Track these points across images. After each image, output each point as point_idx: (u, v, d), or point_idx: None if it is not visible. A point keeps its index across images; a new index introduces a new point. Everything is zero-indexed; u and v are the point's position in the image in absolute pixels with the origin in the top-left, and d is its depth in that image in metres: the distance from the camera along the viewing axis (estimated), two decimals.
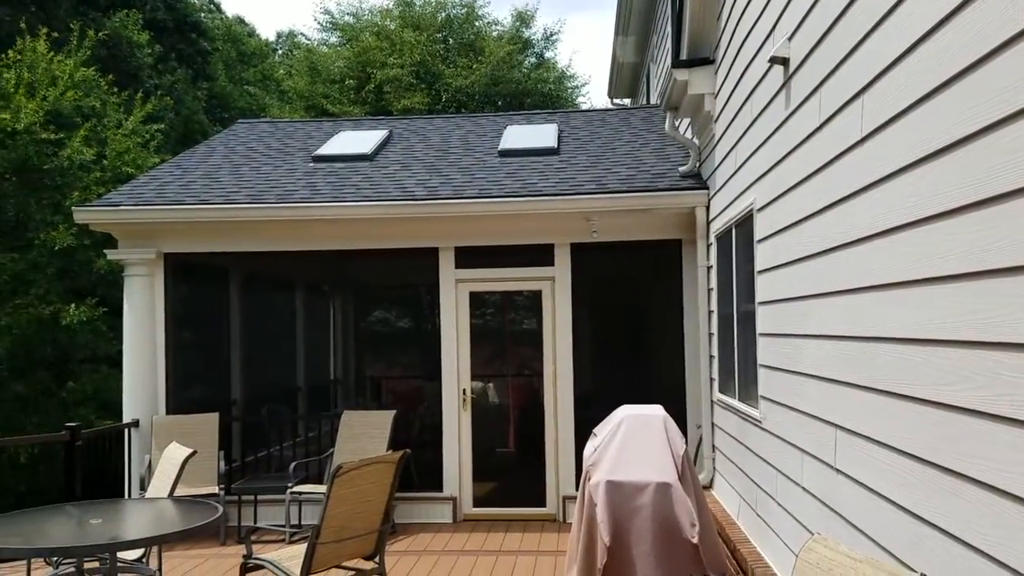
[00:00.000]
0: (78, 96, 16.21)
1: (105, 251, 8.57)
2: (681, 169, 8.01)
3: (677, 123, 7.92)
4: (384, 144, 9.77)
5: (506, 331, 8.49)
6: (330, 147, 9.61)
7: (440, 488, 7.98)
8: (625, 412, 5.55)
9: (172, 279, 8.30)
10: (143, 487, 7.69)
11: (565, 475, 7.87)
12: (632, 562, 5.04)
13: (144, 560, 5.63)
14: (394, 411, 7.85)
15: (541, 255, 8.01)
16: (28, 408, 14.54)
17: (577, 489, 7.24)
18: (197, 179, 8.79)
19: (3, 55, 15.79)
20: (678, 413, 7.28)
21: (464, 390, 8.06)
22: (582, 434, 7.27)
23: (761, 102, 5.20)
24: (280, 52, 34.61)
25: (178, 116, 22.57)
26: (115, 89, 18.06)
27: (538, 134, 9.72)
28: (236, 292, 9.02)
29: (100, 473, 7.85)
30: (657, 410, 5.56)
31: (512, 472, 8.29)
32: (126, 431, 8.04)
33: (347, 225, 7.95)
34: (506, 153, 9.08)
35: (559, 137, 9.60)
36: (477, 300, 8.22)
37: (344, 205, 7.78)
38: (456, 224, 7.92)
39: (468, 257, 8.08)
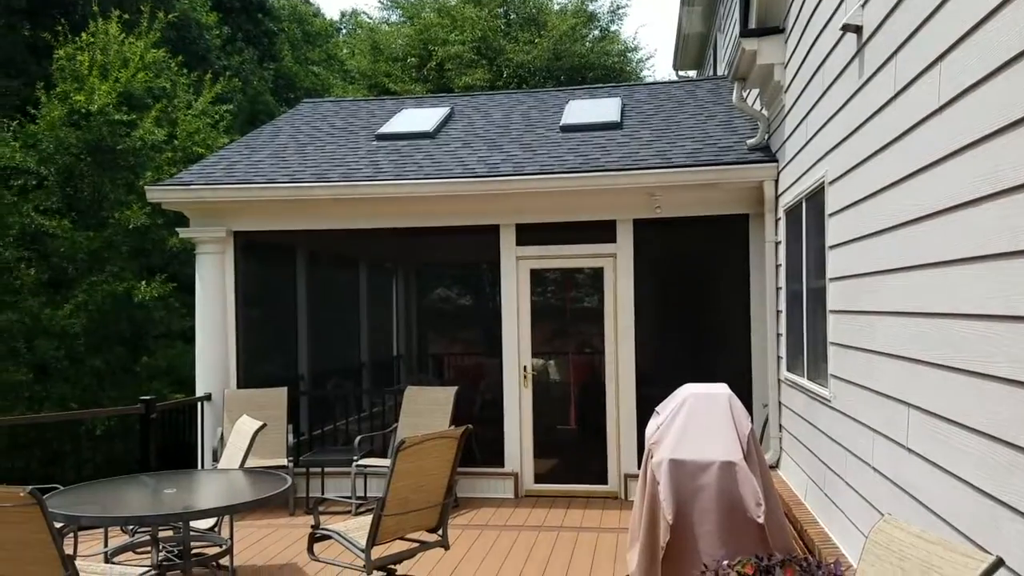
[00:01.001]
0: (149, 77, 16.62)
1: (177, 229, 8.79)
2: (749, 142, 7.82)
3: (745, 94, 7.73)
4: (445, 121, 9.78)
5: (567, 308, 8.45)
6: (392, 125, 9.66)
7: (501, 464, 8.02)
8: (689, 390, 5.47)
9: (241, 257, 8.48)
10: (215, 459, 7.92)
11: (627, 453, 7.83)
12: (695, 541, 4.99)
13: (216, 529, 5.81)
14: (456, 387, 7.91)
15: (603, 232, 7.94)
16: (105, 382, 15.10)
17: (639, 467, 7.20)
18: (264, 159, 8.93)
19: (77, 38, 16.27)
20: (744, 392, 7.16)
21: (525, 367, 8.06)
22: (644, 412, 7.21)
23: (833, 71, 5.03)
24: (343, 32, 34.91)
25: (245, 96, 22.98)
26: (184, 70, 18.45)
27: (601, 108, 9.60)
28: (302, 269, 9.18)
29: (174, 445, 8.11)
30: (722, 388, 5.47)
31: (573, 449, 8.28)
32: (199, 404, 8.28)
33: (409, 203, 7.99)
34: (568, 128, 8.99)
35: (622, 111, 9.46)
36: (538, 277, 8.20)
37: (406, 183, 7.82)
38: (517, 201, 7.89)
39: (529, 234, 8.05)
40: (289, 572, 5.92)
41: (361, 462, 7.49)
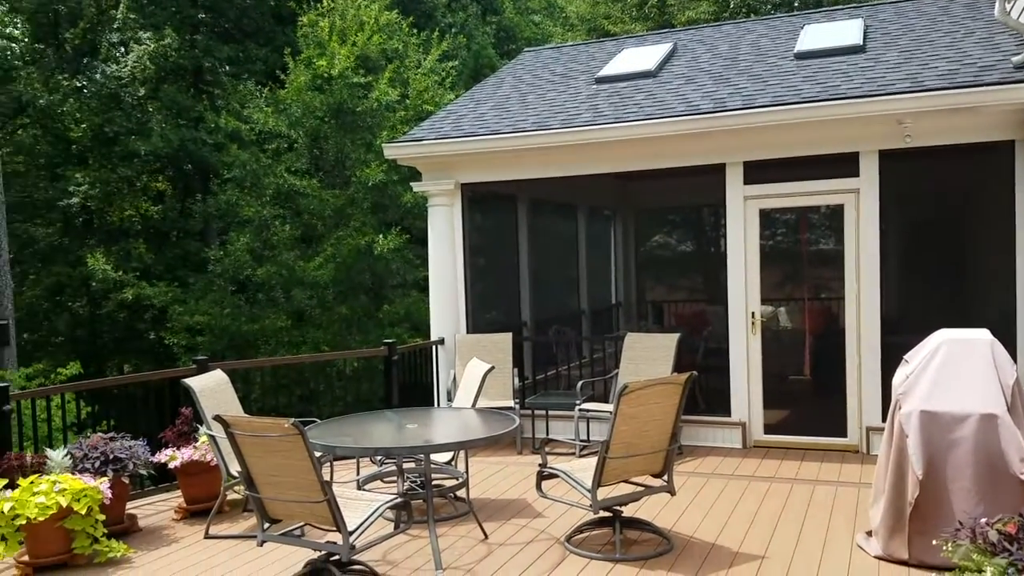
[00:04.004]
0: (383, 40, 17.50)
1: (411, 184, 9.22)
2: (1014, 60, 6.85)
3: (1009, 7, 6.78)
4: (668, 58, 9.44)
5: (800, 251, 7.95)
6: (612, 67, 9.48)
7: (728, 413, 7.77)
8: (943, 336, 4.97)
9: (469, 208, 8.76)
10: (450, 398, 8.35)
11: (869, 405, 7.29)
12: (948, 498, 4.58)
13: (452, 463, 6.12)
14: (678, 334, 7.72)
15: (843, 165, 7.32)
16: (351, 328, 16.37)
17: (883, 420, 6.70)
18: (488, 110, 9.11)
19: (318, 3, 17.42)
20: (1008, 339, 6.37)
21: (753, 313, 7.70)
22: (890, 361, 6.68)
23: None
24: None
25: (469, 52, 23.60)
26: (413, 30, 19.23)
27: (840, 32, 8.83)
28: (524, 219, 9.34)
29: (412, 384, 8.65)
30: (983, 334, 4.92)
31: (807, 400, 7.85)
32: (433, 348, 8.73)
33: (628, 145, 7.82)
34: (803, 55, 8.36)
35: (865, 33, 8.65)
36: (767, 218, 7.76)
37: (625, 125, 7.64)
38: (745, 137, 7.47)
39: (758, 172, 7.61)
40: (519, 507, 6.12)
41: (583, 406, 7.56)
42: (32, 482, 5.15)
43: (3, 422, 5.79)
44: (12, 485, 5.27)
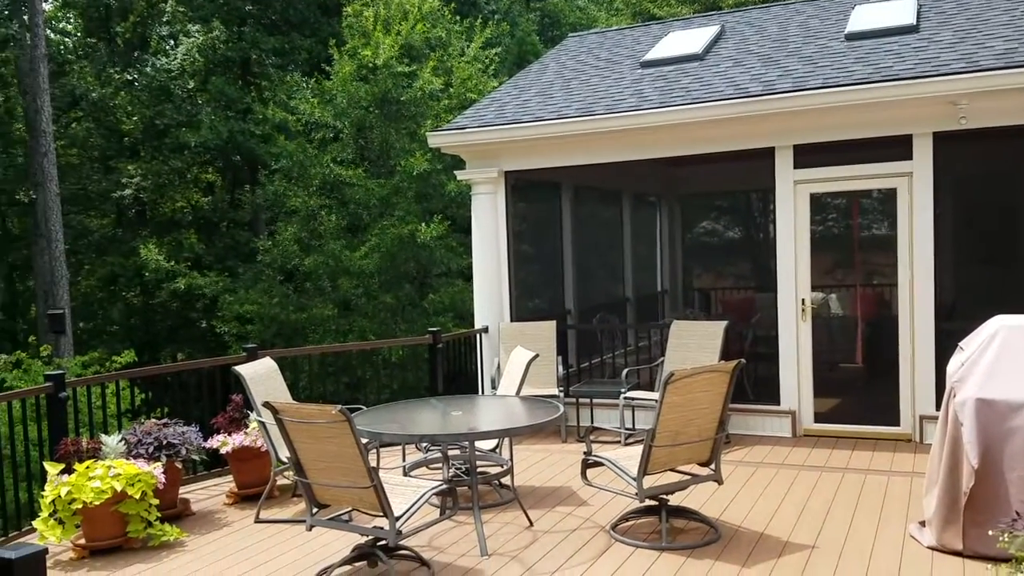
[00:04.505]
0: (426, 28, 17.53)
1: (455, 172, 9.23)
2: None
3: None
4: (715, 41, 9.29)
5: (851, 236, 7.78)
6: (658, 51, 9.36)
7: (777, 401, 7.65)
8: (1000, 322, 4.83)
9: (512, 196, 8.74)
10: (494, 386, 8.36)
11: (923, 392, 7.13)
12: (1004, 487, 4.46)
13: (497, 450, 6.14)
14: (726, 321, 7.63)
15: (895, 148, 7.14)
16: (397, 316, 16.51)
17: (937, 408, 6.55)
18: (532, 97, 9.07)
19: None
20: None
21: (803, 300, 7.57)
22: (944, 348, 6.52)
23: None
24: None
25: (513, 39, 23.54)
26: (456, 17, 19.22)
27: (892, 11, 8.59)
28: (567, 206, 9.30)
29: (456, 373, 8.69)
30: None
31: (858, 388, 7.70)
32: (477, 336, 8.75)
33: (674, 130, 7.71)
34: (854, 36, 8.16)
35: (918, 12, 8.40)
36: (817, 203, 7.60)
37: (671, 110, 7.55)
38: (795, 119, 7.31)
39: (808, 156, 7.45)
40: (564, 494, 6.12)
41: (628, 394, 7.51)
42: (88, 467, 5.28)
43: (59, 409, 5.96)
44: (68, 470, 5.41)
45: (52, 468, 5.37)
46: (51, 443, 5.88)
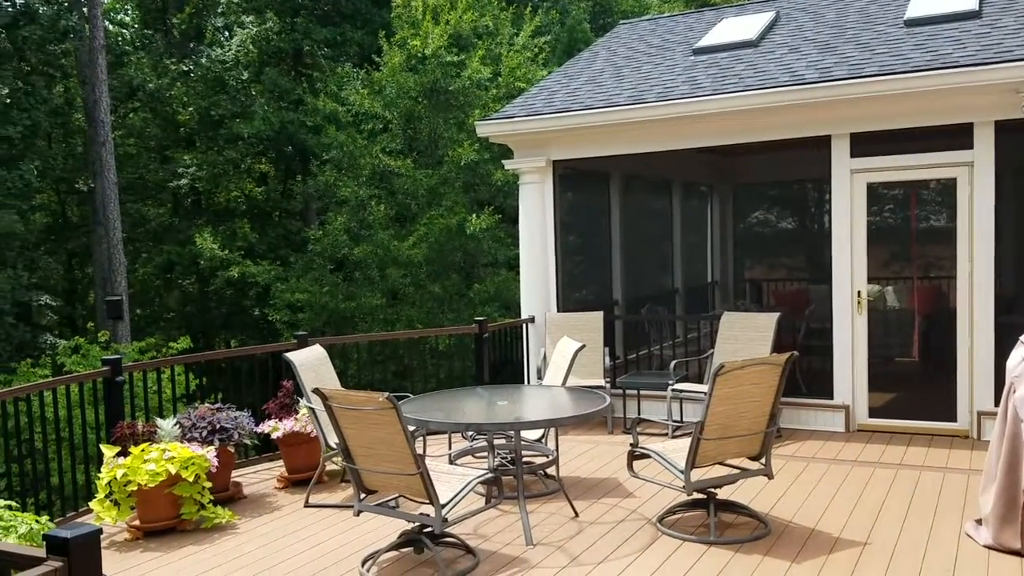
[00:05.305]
0: (474, 17, 17.50)
1: (503, 162, 9.22)
2: None
3: None
4: (770, 27, 9.11)
5: (908, 227, 7.58)
6: (711, 37, 9.21)
7: (830, 396, 7.50)
8: None
9: (560, 185, 8.69)
10: (539, 376, 8.35)
11: (981, 388, 6.92)
12: None
13: (543, 440, 6.12)
14: (778, 313, 7.49)
15: (956, 137, 6.92)
16: (444, 306, 16.59)
17: (996, 404, 6.35)
18: (581, 85, 9.00)
19: None
20: None
21: (859, 292, 7.40)
22: (1004, 343, 6.32)
23: None
24: None
25: (563, 28, 23.39)
26: (504, 4, 19.15)
27: None
28: (616, 195, 9.22)
29: (502, 362, 8.69)
30: None
31: (915, 383, 7.51)
32: (524, 326, 8.74)
33: (727, 118, 7.59)
34: (913, 22, 7.92)
35: None
36: (873, 194, 7.42)
37: (725, 97, 7.42)
38: (852, 107, 7.13)
39: (865, 145, 7.27)
40: (610, 486, 6.08)
41: (676, 386, 7.43)
42: (143, 450, 5.40)
43: (116, 392, 6.11)
44: (124, 453, 5.55)
45: (108, 451, 5.50)
46: (108, 426, 6.04)
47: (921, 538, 4.85)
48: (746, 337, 7.55)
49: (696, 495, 5.17)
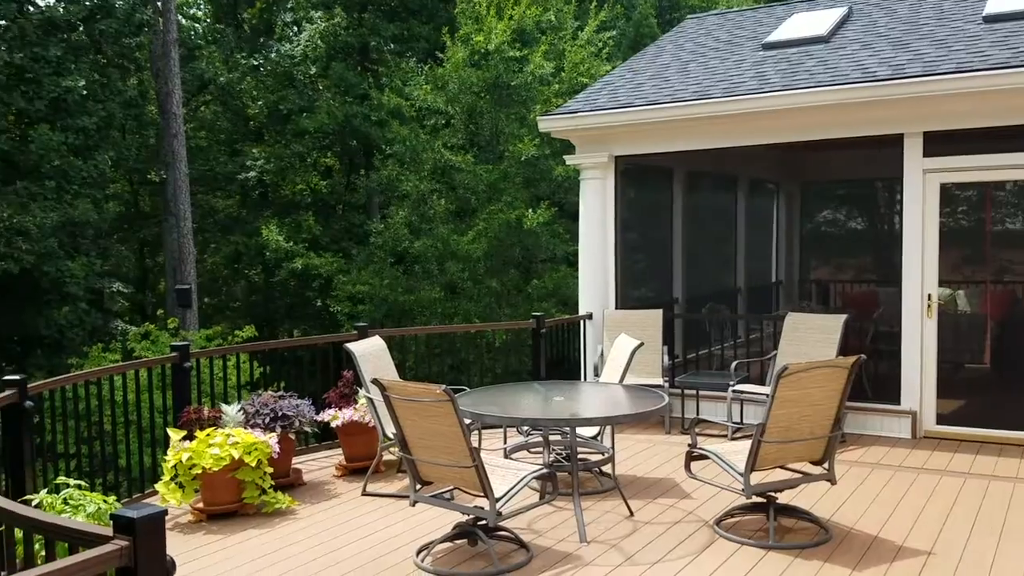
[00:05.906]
0: (538, 12, 17.47)
1: (564, 156, 9.18)
2: None
3: None
4: (842, 23, 8.88)
5: (983, 230, 7.31)
6: (781, 33, 9.02)
7: (897, 401, 7.29)
8: None
9: (622, 181, 8.62)
10: (596, 373, 8.30)
11: None
12: None
13: (598, 438, 6.09)
14: (845, 315, 7.31)
15: None
16: (501, 301, 16.63)
17: None
18: (646, 80, 8.91)
19: None
20: None
21: (929, 295, 7.17)
22: None
23: None
24: None
25: (628, 22, 23.20)
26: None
27: None
28: (679, 192, 9.10)
29: (559, 358, 8.67)
30: None
31: (986, 389, 7.26)
32: (581, 322, 8.70)
33: (795, 115, 7.42)
34: (993, 18, 7.64)
35: None
36: (946, 195, 7.17)
37: (793, 93, 7.26)
38: (926, 105, 6.91)
39: (939, 144, 7.03)
40: (667, 486, 6.02)
41: (737, 387, 7.31)
42: (208, 435, 5.54)
43: (183, 378, 6.28)
44: (190, 437, 5.69)
45: (175, 434, 5.66)
46: (175, 411, 6.21)
47: (988, 549, 4.68)
48: (812, 339, 7.38)
49: (755, 499, 5.08)
